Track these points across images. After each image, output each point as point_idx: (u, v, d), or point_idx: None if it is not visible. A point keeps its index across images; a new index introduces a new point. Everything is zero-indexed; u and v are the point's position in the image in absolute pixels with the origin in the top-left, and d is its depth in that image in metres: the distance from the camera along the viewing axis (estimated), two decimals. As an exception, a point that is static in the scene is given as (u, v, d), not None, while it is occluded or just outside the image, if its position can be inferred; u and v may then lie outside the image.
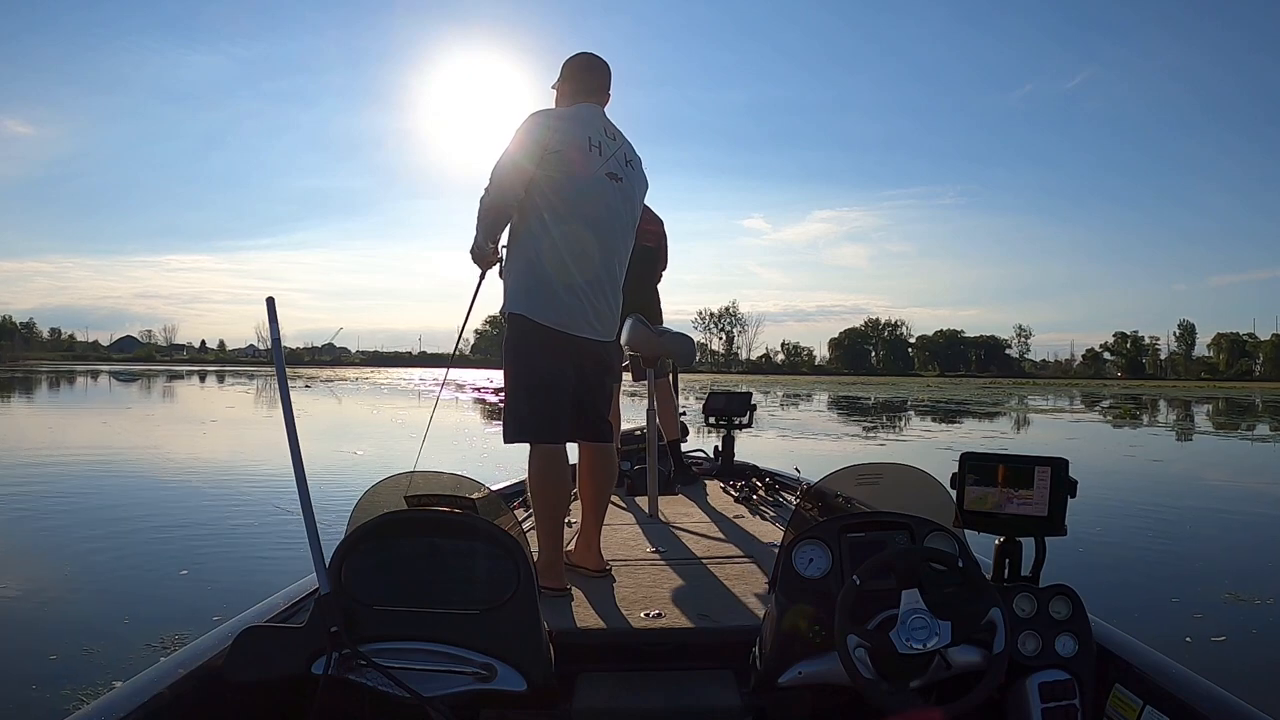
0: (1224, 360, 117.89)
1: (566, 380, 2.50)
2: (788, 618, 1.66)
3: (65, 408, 21.11)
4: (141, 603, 4.05)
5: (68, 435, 12.65)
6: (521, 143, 2.43)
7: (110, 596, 4.17)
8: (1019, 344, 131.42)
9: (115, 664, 3.14)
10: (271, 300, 1.85)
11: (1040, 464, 1.74)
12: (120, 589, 4.31)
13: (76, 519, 6.04)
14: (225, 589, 4.21)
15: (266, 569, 4.60)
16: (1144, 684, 1.63)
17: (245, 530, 5.72)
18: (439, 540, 1.69)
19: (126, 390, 30.49)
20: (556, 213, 2.44)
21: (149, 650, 3.27)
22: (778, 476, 4.44)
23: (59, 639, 3.45)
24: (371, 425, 15.75)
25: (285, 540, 5.22)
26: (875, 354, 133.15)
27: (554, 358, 2.47)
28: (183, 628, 3.50)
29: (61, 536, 5.48)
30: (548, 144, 2.42)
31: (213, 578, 4.48)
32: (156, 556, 4.95)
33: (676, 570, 2.65)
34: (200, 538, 5.46)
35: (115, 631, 3.56)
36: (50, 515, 6.20)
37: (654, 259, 4.43)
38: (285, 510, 6.22)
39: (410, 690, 1.53)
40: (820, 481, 2.04)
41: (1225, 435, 17.55)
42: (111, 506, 6.54)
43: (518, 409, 2.49)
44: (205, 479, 8.12)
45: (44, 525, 5.90)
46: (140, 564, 4.79)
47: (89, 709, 1.47)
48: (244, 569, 4.70)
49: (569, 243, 2.44)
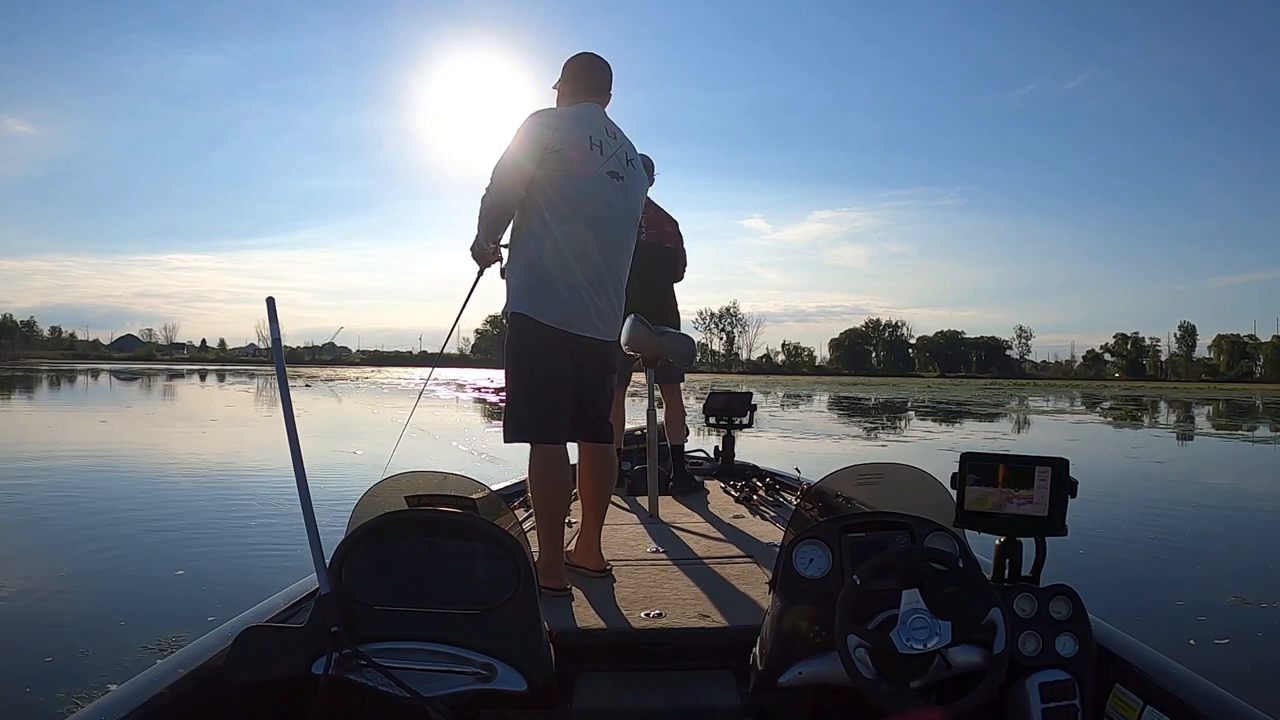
0: (1224, 362, 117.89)
1: (567, 380, 2.50)
2: (788, 618, 1.66)
3: (65, 406, 21.11)
4: (138, 602, 4.04)
5: (66, 433, 12.65)
6: (522, 142, 2.43)
7: (106, 597, 4.15)
8: (1019, 345, 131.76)
9: (111, 667, 3.12)
10: (271, 300, 1.85)
11: (1040, 464, 1.74)
12: (118, 589, 4.29)
13: (73, 518, 6.02)
14: (223, 587, 4.20)
15: (263, 569, 4.59)
16: (1144, 684, 1.63)
17: (242, 530, 5.70)
18: (439, 540, 1.69)
19: (127, 389, 30.50)
20: (557, 212, 2.44)
21: (145, 653, 3.25)
22: (778, 476, 4.44)
23: (54, 640, 3.43)
24: (371, 424, 15.75)
25: (283, 541, 5.20)
26: (876, 355, 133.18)
27: (555, 357, 2.47)
28: (180, 629, 3.49)
29: (58, 536, 5.47)
30: (548, 143, 2.42)
31: (212, 577, 4.46)
32: (152, 556, 4.94)
33: (677, 570, 2.65)
34: (197, 538, 5.45)
35: (111, 632, 3.54)
36: (46, 514, 6.20)
37: (673, 260, 4.41)
38: (279, 510, 6.21)
39: (410, 690, 1.53)
40: (820, 481, 2.04)
41: (1227, 437, 17.54)
42: (108, 506, 6.52)
43: (518, 409, 2.49)
44: (203, 478, 8.12)
45: (40, 524, 5.89)
46: (136, 564, 4.77)
47: (89, 709, 1.47)
48: (241, 568, 4.68)
49: (570, 242, 2.44)
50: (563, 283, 2.44)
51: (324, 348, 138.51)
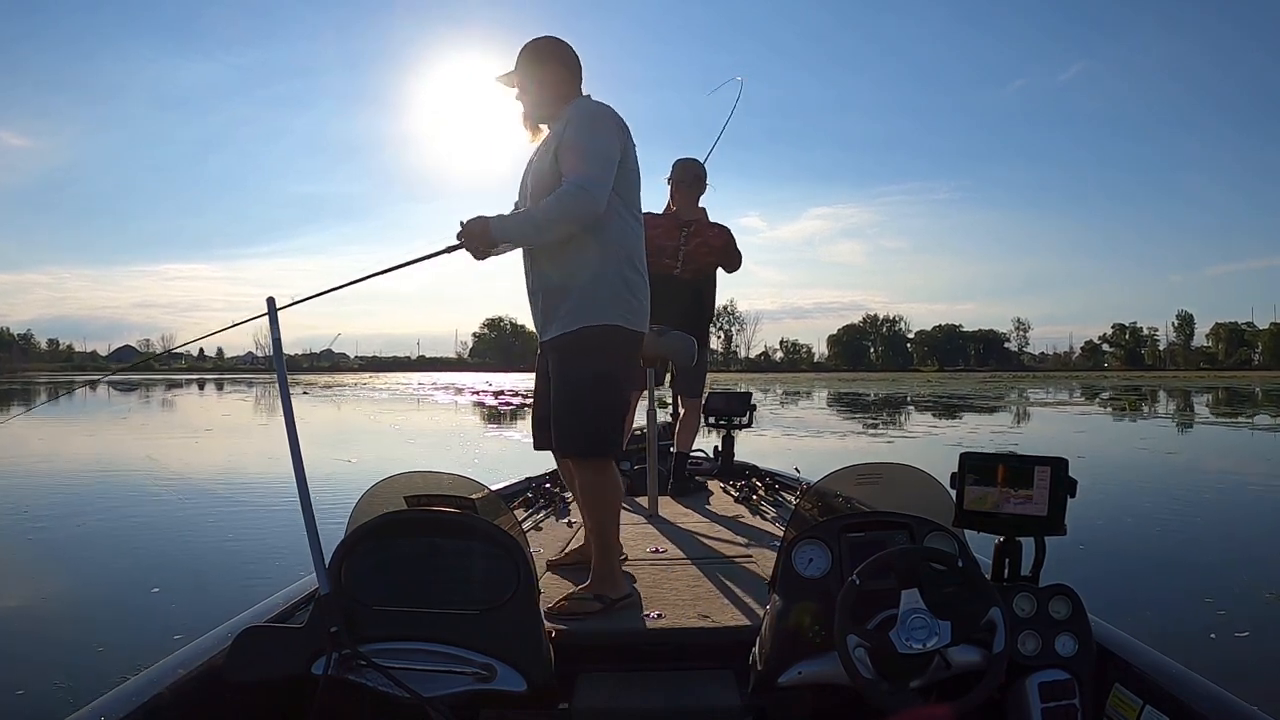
0: (1223, 350, 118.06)
1: None
2: (788, 618, 1.67)
3: (64, 418, 21.07)
4: (109, 624, 3.80)
5: (67, 445, 12.63)
6: (612, 146, 2.28)
7: (77, 623, 3.87)
8: (1017, 337, 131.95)
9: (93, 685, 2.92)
10: (272, 300, 1.85)
11: (1040, 463, 1.73)
12: (92, 611, 4.06)
13: (66, 532, 5.93)
14: (199, 603, 3.97)
15: (259, 575, 4.47)
16: (1144, 684, 1.63)
17: (218, 546, 5.45)
18: (439, 540, 1.70)
19: (125, 400, 30.43)
20: (634, 213, 2.38)
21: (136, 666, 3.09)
22: (778, 476, 4.44)
23: (36, 658, 3.33)
24: (369, 432, 15.74)
25: (276, 547, 5.14)
26: (874, 350, 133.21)
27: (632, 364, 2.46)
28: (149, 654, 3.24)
29: (50, 550, 5.40)
30: (625, 144, 2.34)
31: (188, 593, 4.25)
32: (127, 574, 4.76)
33: (676, 570, 2.64)
34: (170, 554, 5.23)
35: (83, 661, 3.28)
36: (40, 526, 6.16)
37: (712, 289, 4.36)
38: (272, 519, 6.14)
39: (410, 690, 1.54)
40: (820, 481, 2.03)
41: (1236, 425, 17.27)
42: (93, 515, 6.45)
43: (606, 425, 2.32)
44: (200, 484, 8.10)
45: (32, 539, 5.81)
46: (108, 583, 4.59)
47: (89, 709, 1.47)
48: (238, 579, 4.51)
49: (640, 244, 2.41)
50: (643, 289, 2.38)
51: (322, 354, 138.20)
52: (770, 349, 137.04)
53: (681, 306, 4.02)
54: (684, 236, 4.12)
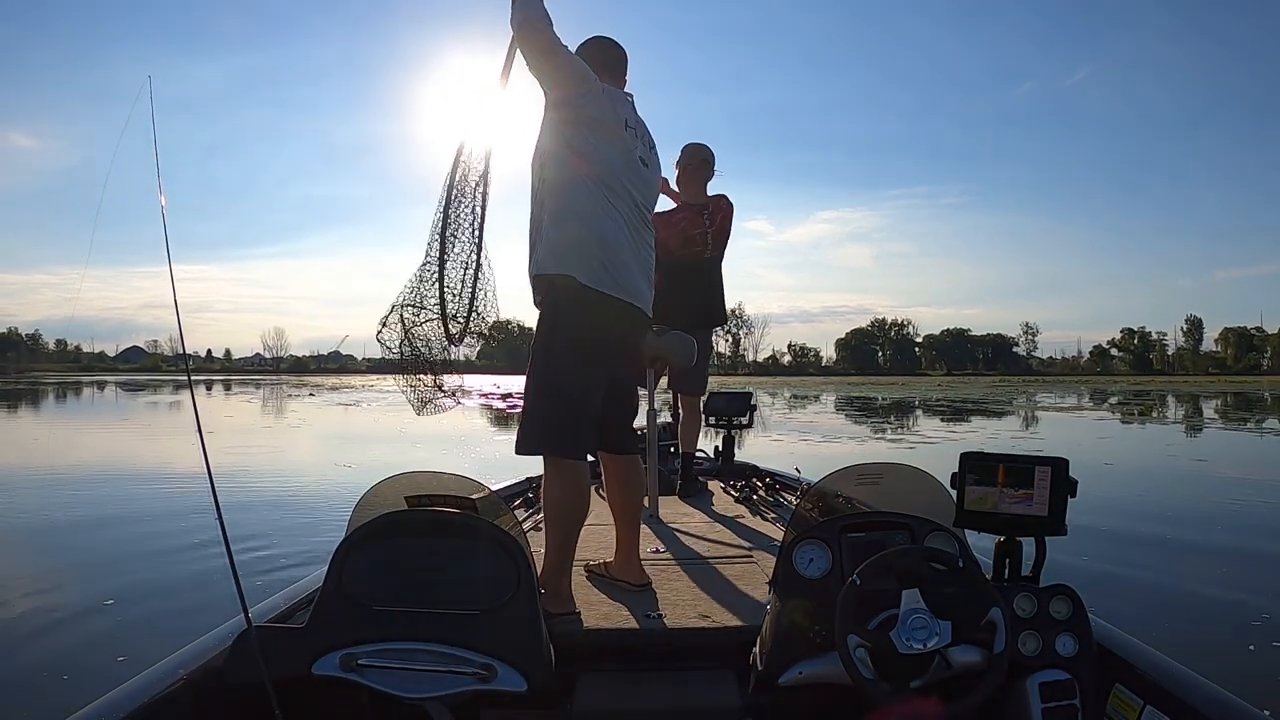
0: (1232, 355, 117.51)
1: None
2: (788, 618, 1.66)
3: (79, 419, 21.17)
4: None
5: (78, 451, 12.66)
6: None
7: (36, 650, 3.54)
8: (1026, 342, 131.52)
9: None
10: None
11: (1040, 464, 1.73)
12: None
13: (66, 531, 5.93)
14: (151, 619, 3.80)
15: (260, 575, 4.34)
16: (1144, 684, 1.62)
17: (238, 536, 5.31)
18: (439, 540, 1.70)
19: (134, 401, 30.56)
20: (607, 184, 2.28)
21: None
22: (778, 477, 4.43)
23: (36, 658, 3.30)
24: (373, 434, 15.76)
25: (278, 546, 5.14)
26: (882, 354, 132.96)
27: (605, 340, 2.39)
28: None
29: (50, 550, 5.40)
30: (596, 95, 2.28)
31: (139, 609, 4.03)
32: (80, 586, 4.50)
33: (677, 570, 2.64)
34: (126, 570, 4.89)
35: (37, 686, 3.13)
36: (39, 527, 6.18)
37: (713, 265, 4.29)
38: (271, 513, 6.12)
39: (410, 690, 1.54)
40: (820, 481, 2.03)
41: (1262, 433, 16.66)
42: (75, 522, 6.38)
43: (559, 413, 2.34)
44: (199, 484, 8.06)
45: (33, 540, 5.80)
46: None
47: (89, 709, 1.47)
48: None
49: (618, 219, 2.32)
50: (618, 257, 2.27)
51: (329, 356, 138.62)
52: (778, 352, 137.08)
53: (714, 288, 4.25)
54: (707, 219, 4.16)
